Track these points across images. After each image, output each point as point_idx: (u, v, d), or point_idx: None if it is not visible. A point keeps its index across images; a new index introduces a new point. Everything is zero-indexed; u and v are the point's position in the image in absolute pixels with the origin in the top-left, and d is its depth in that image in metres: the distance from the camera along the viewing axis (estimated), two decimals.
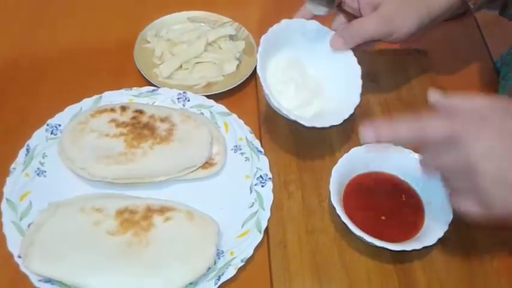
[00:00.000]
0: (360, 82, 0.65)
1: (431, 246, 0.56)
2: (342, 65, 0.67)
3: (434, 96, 0.53)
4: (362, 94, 0.65)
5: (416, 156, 0.63)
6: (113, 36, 0.81)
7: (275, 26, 0.65)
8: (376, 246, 0.56)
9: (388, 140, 0.53)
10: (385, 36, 0.64)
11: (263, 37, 0.64)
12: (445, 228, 0.57)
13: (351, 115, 0.63)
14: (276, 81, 0.66)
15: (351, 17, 0.66)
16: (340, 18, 0.68)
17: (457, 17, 0.69)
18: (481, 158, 0.46)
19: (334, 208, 0.58)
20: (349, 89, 0.65)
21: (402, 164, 0.63)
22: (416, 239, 0.58)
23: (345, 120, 0.63)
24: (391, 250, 0.56)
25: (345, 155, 0.62)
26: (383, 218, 0.60)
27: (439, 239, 0.56)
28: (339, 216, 0.57)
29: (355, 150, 0.63)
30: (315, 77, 0.69)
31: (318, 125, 0.62)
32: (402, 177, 0.63)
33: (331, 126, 0.62)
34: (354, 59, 0.66)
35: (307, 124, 0.62)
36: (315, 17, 0.67)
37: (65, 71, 0.76)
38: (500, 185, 0.46)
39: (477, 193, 0.48)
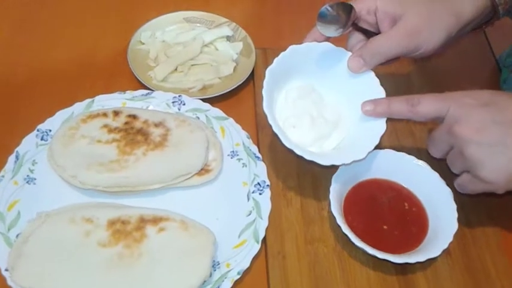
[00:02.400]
0: None
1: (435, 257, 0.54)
2: (363, 89, 0.60)
3: None
4: None
5: (420, 163, 0.61)
6: (106, 37, 0.79)
7: (281, 55, 0.59)
8: (378, 258, 0.54)
9: (384, 114, 0.56)
10: (410, 52, 0.58)
11: (268, 69, 0.58)
12: (450, 239, 0.55)
13: (376, 146, 0.57)
14: (288, 115, 0.60)
15: (368, 33, 0.60)
16: (357, 36, 0.61)
17: (482, 26, 0.65)
18: (467, 125, 0.51)
19: (335, 218, 0.56)
20: (373, 118, 0.58)
21: (405, 171, 0.61)
22: (419, 250, 0.56)
23: (369, 153, 0.57)
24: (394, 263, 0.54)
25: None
26: (385, 227, 0.58)
27: (444, 250, 0.54)
28: (339, 226, 0.55)
29: None
30: (333, 105, 0.62)
31: (338, 162, 0.56)
32: (405, 185, 0.61)
33: (354, 162, 0.56)
34: (376, 81, 0.60)
35: (326, 163, 0.56)
36: (328, 39, 0.61)
37: (56, 73, 0.74)
38: (497, 154, 0.50)
39: (463, 159, 0.52)
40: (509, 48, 0.81)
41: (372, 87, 0.60)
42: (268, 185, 0.62)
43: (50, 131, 0.64)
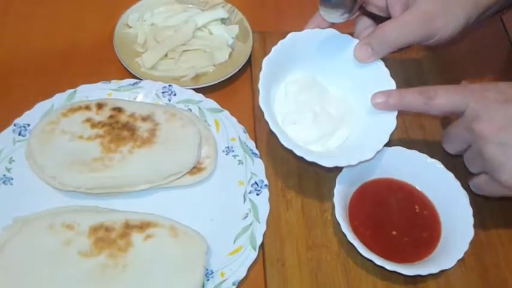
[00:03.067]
0: None
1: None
2: (371, 81, 0.55)
3: None
4: None
5: (433, 161, 0.56)
6: (90, 21, 0.74)
7: (280, 44, 0.54)
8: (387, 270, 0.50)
9: (396, 107, 0.52)
10: (424, 40, 0.53)
11: (265, 59, 0.54)
12: (465, 248, 0.51)
13: (385, 144, 0.52)
14: (288, 110, 0.55)
15: (378, 18, 0.55)
16: (364, 22, 0.57)
17: (502, 11, 0.60)
18: (487, 123, 0.47)
19: (339, 224, 0.51)
20: (382, 113, 0.53)
21: (417, 170, 0.56)
22: (431, 259, 0.52)
23: (377, 152, 0.52)
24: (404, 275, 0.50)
25: None
26: (394, 233, 0.54)
27: (458, 261, 0.50)
28: (344, 234, 0.51)
29: None
30: (337, 99, 0.57)
31: (343, 163, 0.51)
32: (416, 186, 0.57)
33: (360, 163, 0.52)
34: (386, 72, 0.55)
35: (329, 165, 0.51)
36: (332, 26, 0.56)
37: (34, 62, 0.69)
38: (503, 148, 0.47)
39: (481, 157, 0.48)
40: None
41: (381, 78, 0.55)
42: (266, 185, 0.58)
43: (29, 125, 0.60)
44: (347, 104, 0.58)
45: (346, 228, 0.51)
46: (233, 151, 0.61)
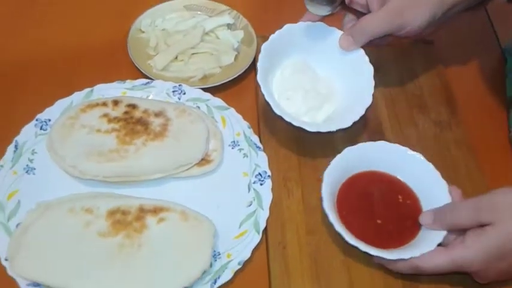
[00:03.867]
0: (372, 82, 0.62)
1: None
2: (353, 65, 0.64)
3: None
4: None
5: (414, 154, 0.60)
6: (106, 26, 0.78)
7: (277, 33, 0.63)
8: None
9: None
10: (395, 31, 0.61)
11: (264, 45, 0.62)
12: (444, 233, 0.53)
13: (362, 116, 0.60)
14: (284, 89, 0.63)
15: (360, 14, 0.63)
16: (349, 17, 0.65)
17: (471, 8, 0.65)
18: None
19: (327, 215, 0.54)
20: (361, 90, 0.62)
21: (399, 162, 0.60)
22: (414, 244, 0.55)
23: (354, 122, 0.59)
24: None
25: (337, 157, 0.59)
26: (379, 221, 0.57)
27: (438, 244, 0.53)
28: (332, 225, 0.54)
29: (348, 151, 0.59)
30: (325, 79, 0.66)
31: (324, 129, 0.59)
32: (399, 177, 0.60)
33: (338, 130, 0.59)
34: (366, 58, 0.63)
35: (312, 129, 0.59)
36: (323, 20, 0.64)
37: (55, 63, 0.73)
38: None
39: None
40: None
41: (360, 63, 0.64)
42: (269, 176, 0.62)
43: (49, 120, 0.64)
44: (333, 85, 0.66)
45: (333, 219, 0.54)
46: (238, 145, 0.65)
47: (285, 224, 0.59)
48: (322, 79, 0.65)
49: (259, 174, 0.62)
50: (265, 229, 0.58)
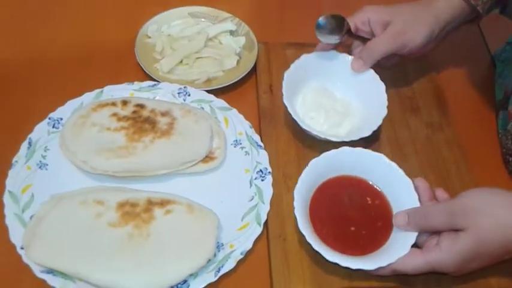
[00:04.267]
0: (385, 96, 0.69)
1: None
2: (366, 84, 0.71)
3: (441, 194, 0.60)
4: None
5: (376, 155, 0.62)
6: (114, 31, 0.82)
7: (296, 62, 0.70)
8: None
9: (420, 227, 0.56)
10: (399, 50, 0.68)
11: (286, 72, 0.69)
12: (416, 233, 0.56)
13: (379, 126, 0.67)
14: (307, 110, 0.70)
15: (365, 40, 0.71)
16: (357, 43, 0.73)
17: (467, 23, 0.72)
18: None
19: (304, 236, 0.55)
20: (376, 104, 0.69)
21: (364, 165, 0.62)
22: (389, 246, 0.57)
23: (373, 131, 0.66)
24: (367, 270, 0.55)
25: (304, 171, 0.60)
26: (352, 228, 0.59)
27: (412, 246, 0.55)
28: (310, 244, 0.55)
29: (314, 162, 0.61)
30: (343, 99, 0.72)
31: (347, 139, 0.65)
32: (366, 179, 0.62)
33: (361, 139, 0.65)
34: (376, 76, 0.70)
35: (337, 140, 0.65)
36: (334, 48, 0.72)
37: (66, 65, 0.77)
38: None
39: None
40: (504, 45, 0.84)
41: (372, 81, 0.71)
42: (269, 172, 0.65)
43: (61, 119, 0.67)
44: (349, 104, 0.72)
45: (311, 239, 0.55)
46: (240, 144, 0.68)
47: (285, 217, 0.62)
48: (339, 100, 0.72)
49: (260, 170, 0.65)
50: (266, 222, 0.61)
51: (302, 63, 0.70)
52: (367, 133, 0.65)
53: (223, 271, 0.56)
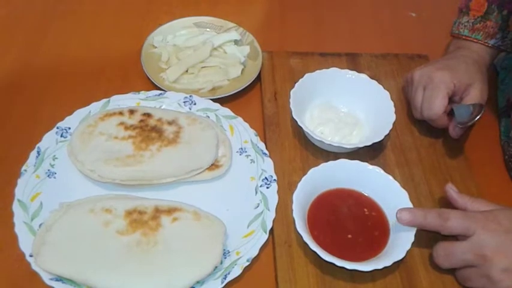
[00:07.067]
0: (391, 103, 0.71)
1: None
2: (371, 95, 0.72)
3: (451, 193, 0.61)
4: None
5: (372, 167, 0.63)
6: (121, 42, 0.83)
7: (300, 81, 0.72)
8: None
9: (420, 226, 0.58)
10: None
11: (292, 91, 0.70)
12: (412, 239, 0.57)
13: (390, 130, 0.68)
14: (316, 125, 0.72)
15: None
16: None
17: None
18: (493, 251, 0.54)
19: (301, 236, 0.57)
20: (384, 111, 0.71)
21: (361, 178, 0.63)
22: (385, 254, 0.58)
23: (385, 136, 0.68)
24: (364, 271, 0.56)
25: (303, 178, 0.61)
26: (349, 236, 0.60)
27: (408, 251, 0.57)
28: (307, 244, 0.57)
29: (312, 172, 0.62)
30: (347, 113, 0.74)
31: (361, 145, 0.67)
32: (363, 191, 0.64)
33: (366, 146, 0.67)
34: (380, 86, 0.72)
35: (351, 147, 0.67)
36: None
37: (73, 75, 0.78)
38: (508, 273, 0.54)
39: (488, 279, 0.54)
40: (506, 53, 0.85)
41: (377, 91, 0.73)
42: (275, 180, 0.66)
43: (69, 128, 0.68)
44: (355, 115, 0.74)
45: (307, 239, 0.56)
46: (246, 152, 0.69)
47: (290, 224, 0.63)
48: (345, 113, 0.74)
49: (266, 178, 0.66)
50: (272, 229, 0.62)
51: (306, 82, 0.72)
52: (379, 137, 0.67)
53: (229, 278, 0.57)
